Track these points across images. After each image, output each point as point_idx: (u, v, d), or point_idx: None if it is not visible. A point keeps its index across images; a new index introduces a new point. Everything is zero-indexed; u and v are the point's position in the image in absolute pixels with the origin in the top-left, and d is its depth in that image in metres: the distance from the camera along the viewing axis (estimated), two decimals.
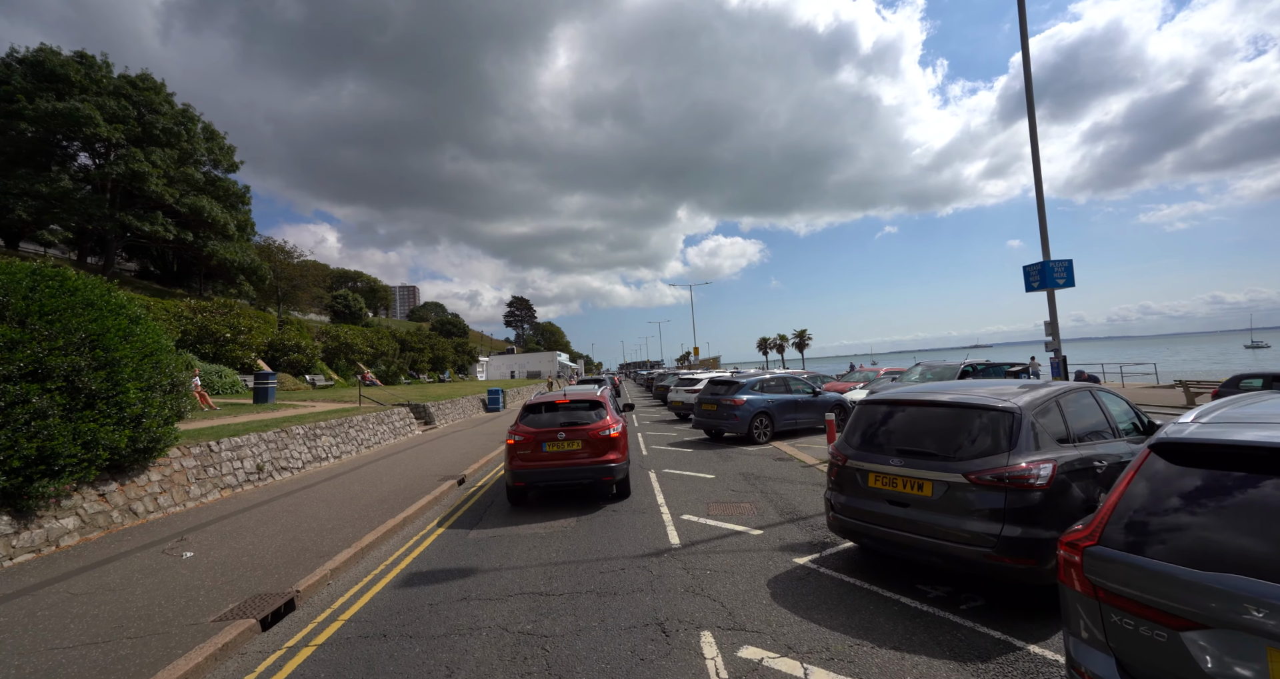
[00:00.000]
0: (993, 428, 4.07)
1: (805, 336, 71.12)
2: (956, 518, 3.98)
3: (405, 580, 5.20)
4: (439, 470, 10.62)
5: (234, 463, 9.09)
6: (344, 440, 12.87)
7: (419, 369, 49.06)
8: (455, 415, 22.15)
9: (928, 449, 4.30)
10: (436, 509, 8.04)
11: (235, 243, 31.65)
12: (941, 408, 4.47)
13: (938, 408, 4.49)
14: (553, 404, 7.94)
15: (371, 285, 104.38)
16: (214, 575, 5.16)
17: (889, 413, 4.84)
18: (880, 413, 4.92)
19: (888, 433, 4.73)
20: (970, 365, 13.12)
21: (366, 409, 16.29)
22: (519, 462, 7.47)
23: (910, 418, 4.62)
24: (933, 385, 5.35)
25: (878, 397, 5.08)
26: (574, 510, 7.42)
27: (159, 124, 26.53)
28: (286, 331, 31.20)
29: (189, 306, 24.51)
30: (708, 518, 6.83)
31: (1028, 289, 9.96)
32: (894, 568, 4.88)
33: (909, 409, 4.69)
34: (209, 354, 23.22)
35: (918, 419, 4.56)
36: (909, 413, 4.67)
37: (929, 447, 4.31)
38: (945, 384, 5.36)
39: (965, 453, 4.10)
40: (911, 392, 5.04)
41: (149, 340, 7.07)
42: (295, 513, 7.46)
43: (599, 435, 7.52)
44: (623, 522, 6.82)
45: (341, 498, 8.35)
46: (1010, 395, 4.31)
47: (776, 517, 6.76)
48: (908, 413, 4.68)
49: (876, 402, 5.02)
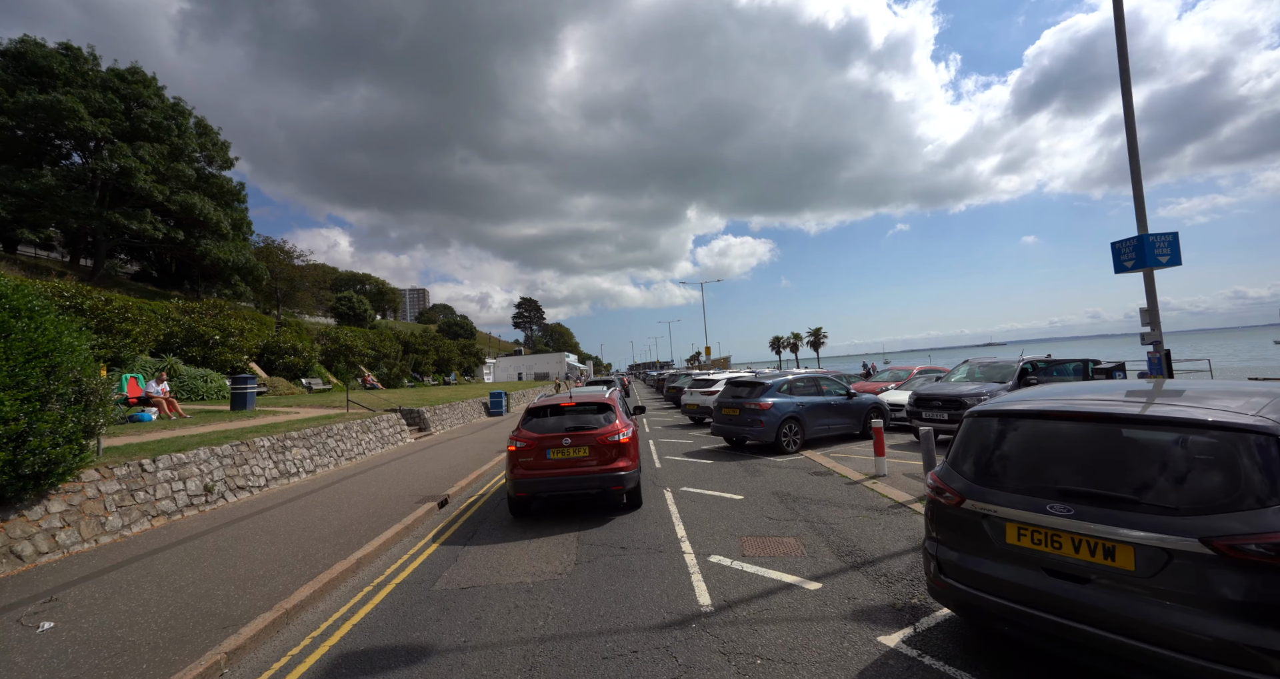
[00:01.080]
0: (1246, 460, 2.48)
1: (821, 335, 69.02)
2: (1189, 612, 2.40)
3: (327, 671, 3.71)
4: (420, 488, 9.15)
5: (174, 484, 7.68)
6: (320, 452, 11.46)
7: (423, 372, 47.88)
8: (454, 421, 20.74)
9: (1119, 492, 2.72)
10: (405, 542, 6.55)
11: (231, 242, 30.51)
12: (1138, 425, 2.88)
13: (1131, 425, 2.90)
14: (558, 407, 7.35)
15: (380, 288, 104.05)
16: (60, 663, 3.70)
17: (1031, 431, 3.27)
18: (1014, 430, 3.35)
19: (1033, 462, 3.16)
20: (1030, 363, 11.44)
21: (354, 415, 14.92)
22: (521, 470, 6.88)
23: (1074, 439, 3.04)
24: (1084, 387, 3.76)
25: (1010, 405, 3.49)
26: (575, 525, 5.91)
27: (148, 118, 25.37)
28: (283, 334, 30.05)
29: (177, 307, 23.37)
30: (744, 561, 5.27)
31: (1117, 270, 8.30)
32: (1052, 670, 3.29)
33: (1069, 425, 3.10)
34: (196, 357, 22.05)
35: (1090, 441, 2.97)
36: (1069, 430, 3.09)
37: (1120, 487, 2.73)
38: (1104, 385, 3.77)
39: (1197, 501, 2.51)
40: (1057, 397, 3.46)
41: (39, 339, 5.65)
42: (228, 551, 6.01)
43: (607, 441, 6.92)
44: (634, 565, 5.29)
45: (293, 527, 6.90)
46: (1243, 406, 2.73)
47: (834, 559, 5.19)
48: (1068, 430, 3.09)
49: (1008, 413, 3.43)
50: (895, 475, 8.69)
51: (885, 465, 8.78)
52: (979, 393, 10.62)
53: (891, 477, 8.62)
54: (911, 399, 11.83)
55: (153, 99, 26.27)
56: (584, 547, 5.94)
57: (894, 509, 6.85)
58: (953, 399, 10.87)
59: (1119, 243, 8.22)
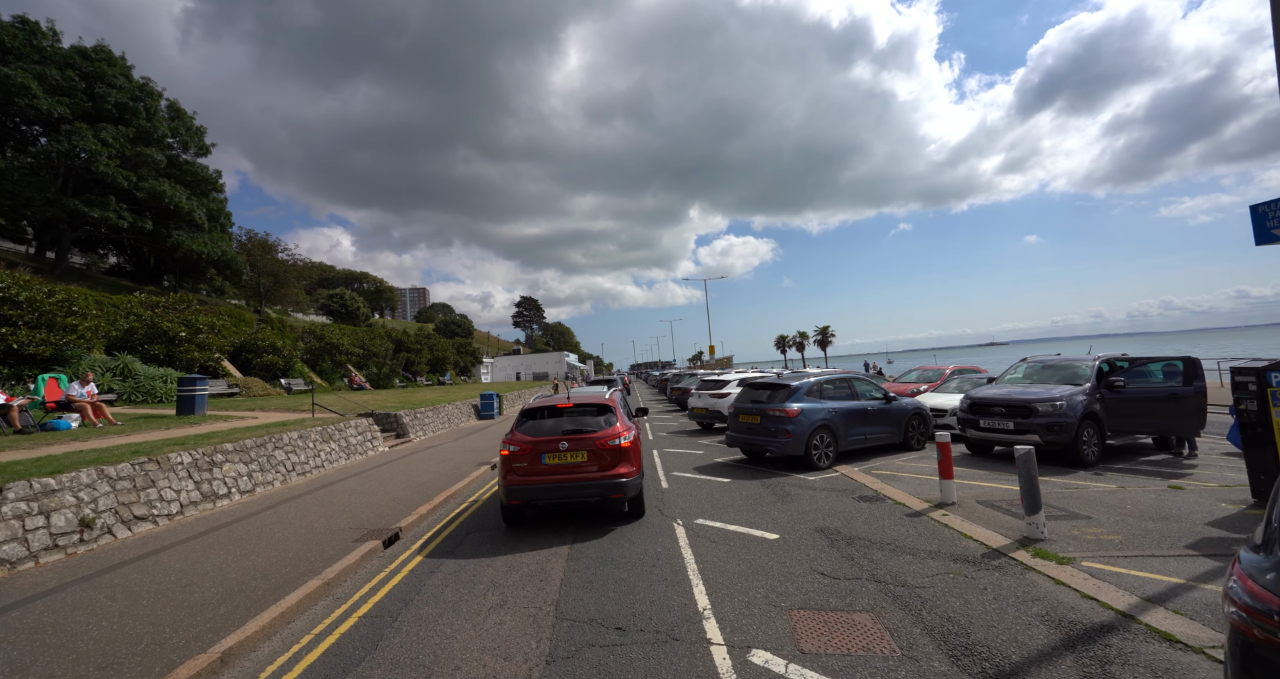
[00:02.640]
0: None
1: (829, 333, 66.87)
2: None
3: None
4: (370, 517, 7.32)
5: (31, 519, 5.85)
6: (264, 467, 9.63)
7: (416, 371, 46.09)
8: (438, 425, 18.91)
9: None
10: (313, 614, 4.70)
11: (207, 234, 28.62)
12: None
13: None
14: (555, 409, 6.97)
15: (378, 287, 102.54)
16: None
17: None
18: None
19: None
20: (1108, 362, 9.58)
21: (318, 421, 13.11)
22: (515, 476, 6.48)
23: None
24: None
25: None
26: (556, 571, 4.09)
27: (111, 98, 23.44)
28: (262, 331, 28.25)
29: (140, 301, 21.56)
30: (806, 666, 3.42)
31: (1259, 241, 6.44)
32: None
33: None
34: (159, 356, 20.24)
35: None
36: None
37: None
38: None
39: None
40: None
41: None
42: (54, 631, 4.18)
43: (608, 445, 6.52)
44: (634, 666, 3.46)
45: (170, 585, 5.06)
46: None
47: (945, 662, 3.35)
48: None
49: None
50: (967, 503, 6.84)
51: (954, 491, 6.94)
52: (1052, 398, 8.76)
53: (963, 505, 6.77)
54: (964, 404, 9.97)
55: (118, 78, 24.28)
56: (563, 626, 4.10)
57: (991, 560, 5.01)
58: (1020, 405, 9.02)
59: (1262, 205, 6.36)
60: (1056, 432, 8.56)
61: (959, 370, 16.41)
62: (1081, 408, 8.65)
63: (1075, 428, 8.52)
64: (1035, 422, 8.74)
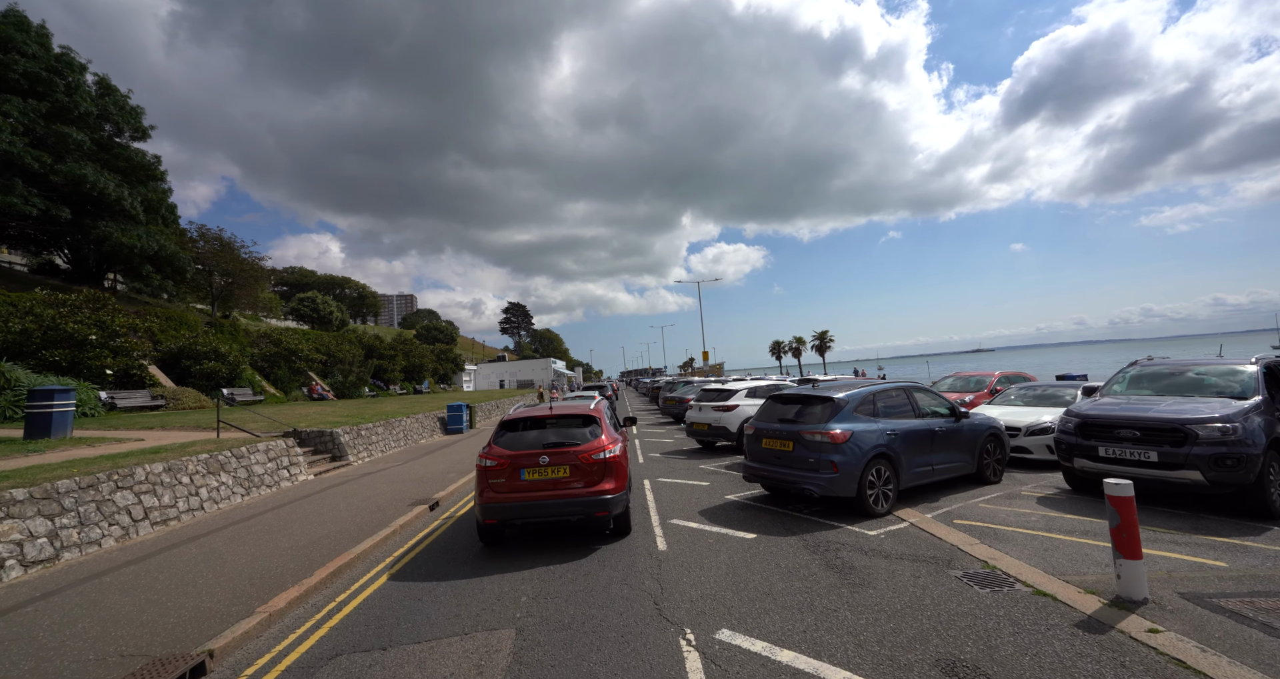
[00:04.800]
0: None
1: (827, 339, 64.26)
2: None
3: None
4: (217, 600, 4.45)
5: None
6: (83, 521, 6.71)
7: (389, 379, 42.93)
8: (390, 443, 15.94)
9: None
10: None
11: (143, 226, 25.44)
12: None
13: None
14: (535, 420, 6.54)
15: (360, 292, 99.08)
16: None
17: None
18: None
19: None
20: (1269, 365, 7.00)
21: (223, 443, 10.19)
22: (491, 493, 6.04)
23: None
24: None
25: None
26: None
27: (19, 67, 20.39)
28: (204, 335, 25.12)
29: (42, 299, 18.45)
30: None
31: None
32: None
33: None
34: (61, 363, 17.12)
35: None
36: None
37: None
38: None
39: None
40: None
41: None
42: None
43: (592, 459, 6.07)
44: None
45: None
46: None
47: None
48: None
49: None
50: (1168, 601, 4.14)
51: (1143, 579, 4.21)
52: (1218, 418, 6.12)
53: (1166, 606, 4.06)
54: (1072, 425, 7.28)
55: (30, 46, 21.24)
56: None
57: None
58: (1167, 426, 6.36)
59: None
60: (1231, 467, 5.90)
61: (1008, 376, 13.82)
62: (1263, 432, 6.03)
63: (1260, 461, 5.88)
64: (1194, 452, 6.08)
